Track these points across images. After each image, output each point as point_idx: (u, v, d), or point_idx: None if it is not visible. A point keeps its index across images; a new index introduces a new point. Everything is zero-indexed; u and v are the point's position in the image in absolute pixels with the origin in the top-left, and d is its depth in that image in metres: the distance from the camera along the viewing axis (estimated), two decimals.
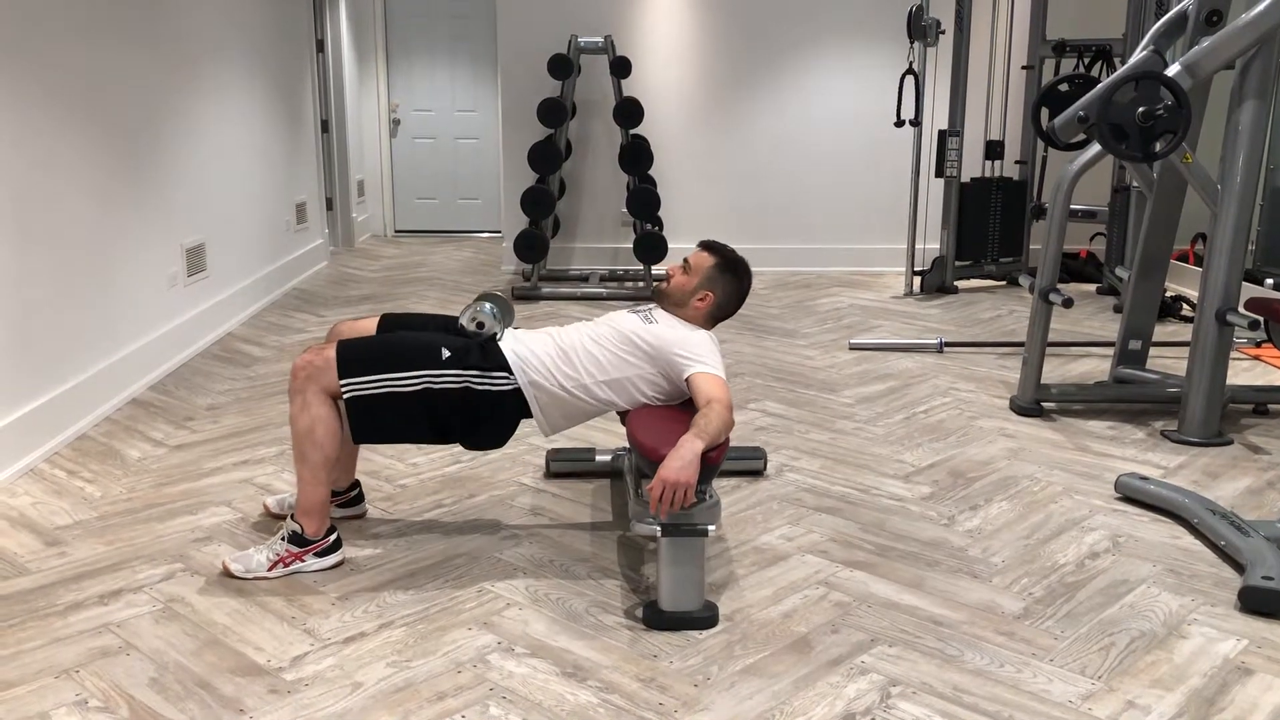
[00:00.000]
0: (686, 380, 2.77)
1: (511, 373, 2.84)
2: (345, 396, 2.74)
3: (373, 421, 2.78)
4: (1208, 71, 3.84)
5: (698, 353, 2.81)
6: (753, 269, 3.10)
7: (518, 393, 2.85)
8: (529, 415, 2.92)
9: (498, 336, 2.90)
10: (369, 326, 3.03)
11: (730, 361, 5.02)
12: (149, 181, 4.68)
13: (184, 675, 2.35)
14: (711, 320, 3.01)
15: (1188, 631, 2.56)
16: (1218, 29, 3.89)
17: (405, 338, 2.89)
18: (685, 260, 3.02)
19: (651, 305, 3.03)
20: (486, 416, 2.87)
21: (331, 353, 2.75)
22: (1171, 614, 2.65)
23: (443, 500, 3.36)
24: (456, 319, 3.00)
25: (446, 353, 2.80)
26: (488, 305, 2.94)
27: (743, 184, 7.48)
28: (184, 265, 5.06)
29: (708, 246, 3.05)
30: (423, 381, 2.76)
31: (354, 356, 2.76)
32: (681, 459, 2.46)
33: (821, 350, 5.31)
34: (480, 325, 2.91)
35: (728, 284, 2.99)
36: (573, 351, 2.88)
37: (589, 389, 2.87)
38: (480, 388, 2.81)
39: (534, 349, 2.88)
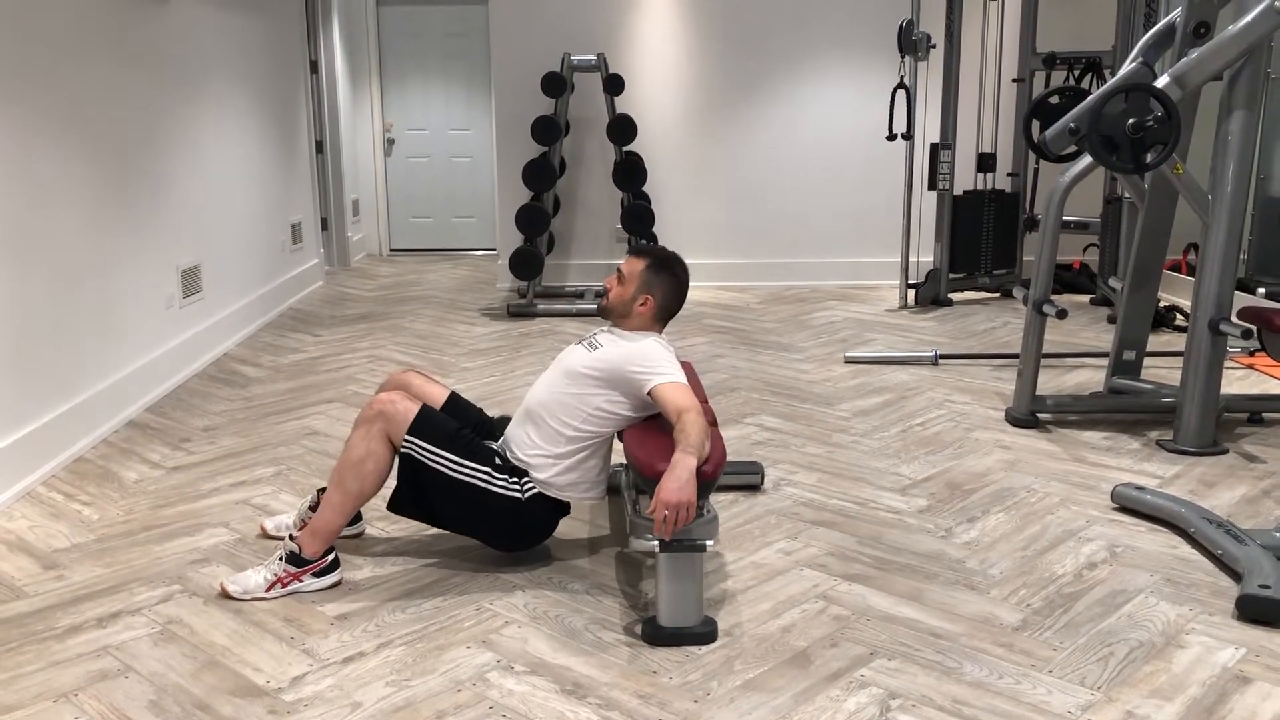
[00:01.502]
0: (649, 394, 2.79)
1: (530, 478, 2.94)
2: (402, 450, 2.82)
3: (412, 487, 2.86)
4: (1196, 83, 3.87)
5: (650, 363, 2.83)
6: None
7: (543, 495, 2.93)
8: (566, 513, 3.03)
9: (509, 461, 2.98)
10: (437, 395, 3.12)
11: (726, 376, 5.03)
12: (144, 203, 4.69)
13: (183, 697, 2.35)
14: (660, 322, 3.03)
15: (1186, 641, 2.57)
16: (1205, 41, 3.92)
17: (474, 438, 2.96)
18: (618, 270, 3.04)
19: (596, 331, 3.06)
20: (529, 522, 2.96)
21: (416, 409, 2.84)
22: (1169, 623, 2.65)
23: None
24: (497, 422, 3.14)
25: (499, 460, 2.92)
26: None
27: (736, 199, 7.50)
28: (179, 287, 5.06)
29: (636, 252, 3.07)
30: (472, 476, 2.85)
31: (431, 424, 2.86)
32: (678, 479, 2.47)
33: (817, 364, 5.32)
34: None
35: (665, 282, 3.00)
36: (539, 412, 2.94)
37: (573, 439, 2.91)
38: (522, 497, 2.90)
39: (519, 454, 2.95)
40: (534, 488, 2.91)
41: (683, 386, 2.76)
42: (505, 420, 3.15)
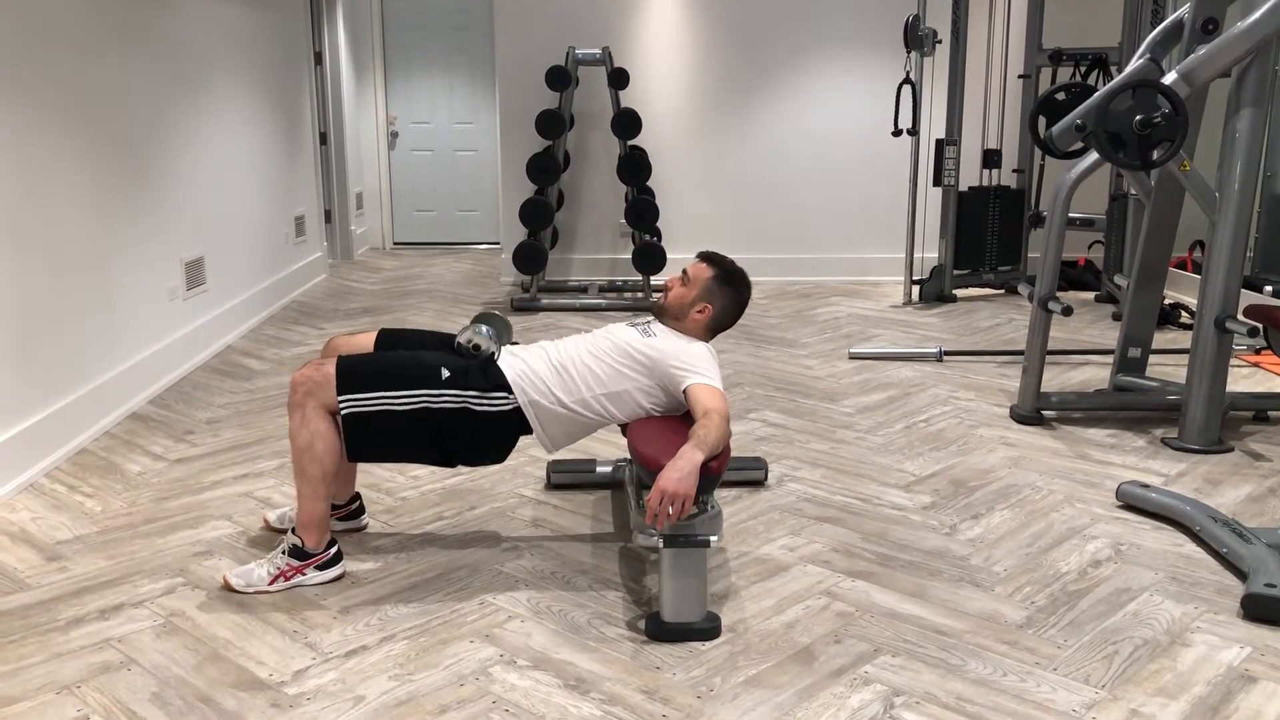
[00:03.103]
0: (684, 391, 2.77)
1: (511, 392, 2.84)
2: (342, 413, 2.74)
3: (368, 439, 2.77)
4: (1204, 79, 3.85)
5: (695, 364, 2.81)
6: (752, 279, 3.10)
7: (518, 411, 2.85)
8: (529, 432, 2.92)
9: (495, 357, 2.90)
10: (366, 342, 3.03)
11: (730, 372, 5.02)
12: (148, 195, 4.68)
13: (185, 690, 2.34)
14: (710, 332, 3.01)
15: (1191, 639, 2.56)
16: (1214, 37, 3.90)
17: (405, 356, 2.88)
18: (684, 272, 3.02)
19: (650, 318, 3.04)
20: (486, 436, 2.87)
21: (331, 369, 2.75)
22: (1174, 622, 2.64)
23: (443, 513, 3.35)
24: (454, 337, 2.98)
25: (446, 373, 2.80)
26: (484, 328, 2.94)
27: (741, 194, 7.49)
28: (183, 279, 5.06)
29: (706, 258, 3.04)
30: (421, 401, 2.76)
31: (353, 373, 2.76)
32: (680, 470, 2.46)
33: (821, 360, 5.31)
34: (476, 348, 2.89)
35: (726, 296, 2.99)
36: (570, 365, 2.89)
37: (587, 403, 2.87)
38: (480, 408, 2.81)
39: (532, 366, 2.88)
40: (508, 405, 2.82)
41: (719, 392, 2.75)
42: (492, 315, 3.03)
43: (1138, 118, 3.71)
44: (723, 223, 7.46)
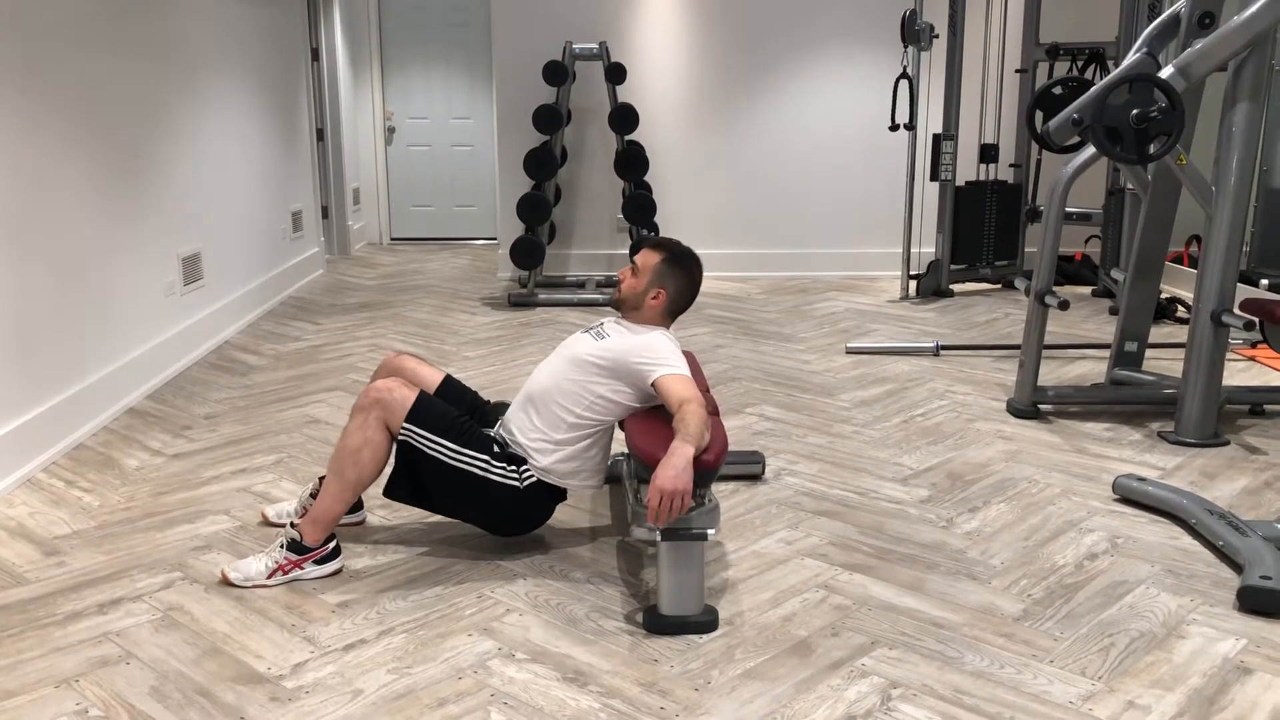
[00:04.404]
0: (653, 385, 2.79)
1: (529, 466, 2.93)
2: (400, 438, 2.81)
3: (409, 473, 2.86)
4: (1201, 73, 3.85)
5: (656, 355, 2.83)
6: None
7: (542, 482, 2.93)
8: (563, 499, 3.02)
9: (508, 446, 2.97)
10: (431, 378, 3.12)
11: (727, 366, 5.03)
12: (145, 191, 4.68)
13: (184, 684, 2.35)
14: (669, 316, 3.03)
15: (1187, 631, 2.57)
16: (1210, 31, 3.90)
17: (474, 424, 2.96)
18: (633, 262, 3.04)
19: (602, 321, 3.06)
20: (525, 512, 2.97)
21: (413, 396, 2.83)
22: (1170, 614, 2.65)
23: None
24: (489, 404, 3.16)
25: (497, 447, 2.91)
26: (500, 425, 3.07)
27: (738, 189, 7.49)
28: (180, 274, 5.06)
29: (652, 244, 3.07)
30: (473, 465, 2.84)
31: (429, 411, 2.85)
32: (675, 467, 2.47)
33: (818, 354, 5.32)
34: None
35: (678, 277, 3.00)
36: (541, 399, 2.94)
37: (575, 425, 2.90)
38: (520, 486, 2.89)
39: (518, 440, 2.94)
40: (532, 476, 2.91)
41: (686, 379, 2.77)
42: (502, 406, 3.15)
43: (1134, 112, 3.71)
44: (720, 217, 7.46)
